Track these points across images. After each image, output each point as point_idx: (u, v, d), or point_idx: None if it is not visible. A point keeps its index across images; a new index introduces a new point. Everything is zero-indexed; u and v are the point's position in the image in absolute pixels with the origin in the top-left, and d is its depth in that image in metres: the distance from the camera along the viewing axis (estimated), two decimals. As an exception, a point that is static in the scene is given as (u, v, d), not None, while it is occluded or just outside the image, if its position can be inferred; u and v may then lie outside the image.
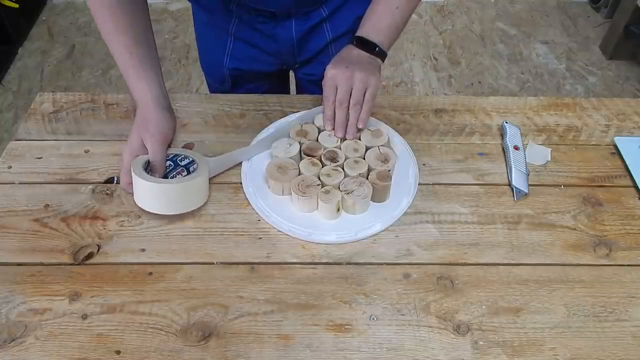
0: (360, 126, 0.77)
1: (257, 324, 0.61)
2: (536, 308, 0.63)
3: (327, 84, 0.78)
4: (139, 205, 0.70)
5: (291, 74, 1.07)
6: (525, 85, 2.19)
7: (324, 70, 0.78)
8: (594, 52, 2.35)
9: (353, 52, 0.80)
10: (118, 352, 0.58)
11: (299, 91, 1.07)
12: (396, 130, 0.82)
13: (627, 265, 0.67)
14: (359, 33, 0.82)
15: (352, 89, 0.76)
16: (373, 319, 0.62)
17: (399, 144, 0.80)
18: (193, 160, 0.74)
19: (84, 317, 0.61)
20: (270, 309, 0.62)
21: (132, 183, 0.70)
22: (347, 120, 0.77)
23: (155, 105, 0.75)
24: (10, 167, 0.77)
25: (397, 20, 0.83)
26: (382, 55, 0.81)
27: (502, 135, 0.82)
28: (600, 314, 0.62)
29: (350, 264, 0.67)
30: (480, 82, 2.20)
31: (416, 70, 2.25)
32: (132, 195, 0.70)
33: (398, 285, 0.65)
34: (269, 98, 0.89)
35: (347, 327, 0.61)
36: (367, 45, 0.80)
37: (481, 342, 0.60)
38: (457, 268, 0.67)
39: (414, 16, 2.51)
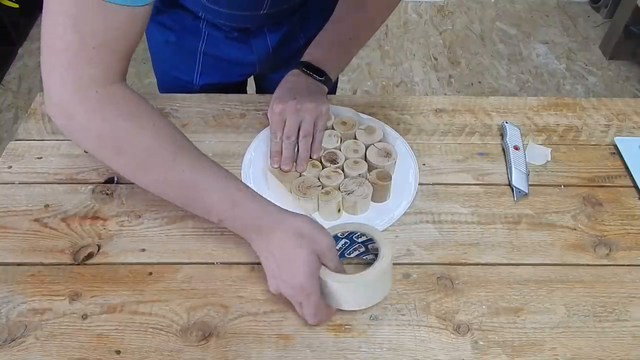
0: (314, 157, 0.75)
1: (257, 324, 0.61)
2: (536, 308, 0.63)
3: (274, 118, 0.76)
4: (350, 309, 0.60)
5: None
6: (525, 85, 2.19)
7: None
8: (594, 52, 2.35)
9: (299, 79, 0.78)
10: (118, 352, 0.58)
11: (262, 92, 1.05)
12: (396, 130, 0.82)
13: (627, 265, 0.67)
14: (307, 59, 0.80)
15: (301, 122, 0.75)
16: (373, 319, 0.62)
17: (399, 144, 0.80)
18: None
19: (84, 317, 0.61)
20: (270, 309, 0.62)
21: (325, 307, 0.59)
22: (297, 153, 0.75)
23: (292, 214, 0.60)
24: (10, 167, 0.77)
25: (349, 51, 0.82)
26: (328, 83, 0.80)
27: (502, 135, 0.82)
28: (600, 314, 0.62)
29: (350, 264, 0.67)
30: (480, 82, 2.20)
31: (416, 70, 2.25)
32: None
33: (398, 285, 0.65)
34: (269, 98, 0.88)
35: (347, 327, 0.61)
36: (314, 72, 0.78)
37: (481, 342, 0.60)
38: (457, 268, 0.67)
39: (414, 16, 2.52)
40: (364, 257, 0.67)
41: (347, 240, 0.65)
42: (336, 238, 0.64)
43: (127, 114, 0.57)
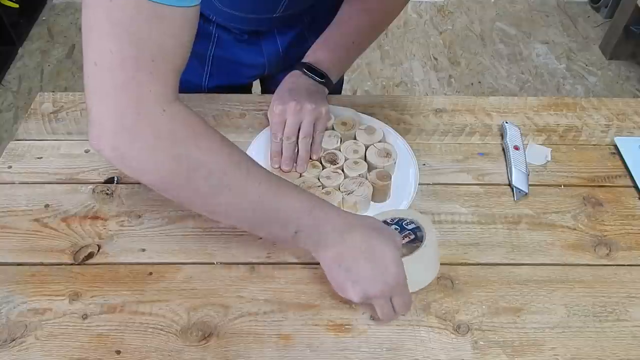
0: (314, 157, 0.76)
1: (257, 324, 0.61)
2: (536, 308, 0.63)
3: (274, 119, 0.76)
4: (419, 288, 0.63)
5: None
6: (525, 85, 2.19)
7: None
8: (594, 52, 2.35)
9: (300, 80, 0.79)
10: (118, 352, 0.58)
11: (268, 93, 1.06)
12: (396, 130, 0.82)
13: (627, 265, 0.67)
14: (308, 60, 0.80)
15: (301, 122, 0.75)
16: (373, 319, 0.62)
17: (399, 144, 0.80)
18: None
19: (84, 317, 0.61)
20: (270, 309, 0.62)
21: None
22: (297, 154, 0.75)
23: (355, 214, 0.61)
24: (10, 167, 0.77)
25: (351, 55, 0.83)
26: (329, 85, 0.80)
27: (502, 135, 0.82)
28: (600, 314, 0.62)
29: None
30: (480, 82, 2.20)
31: (416, 70, 2.25)
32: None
33: (398, 285, 0.65)
34: (269, 98, 0.89)
35: (347, 327, 0.61)
36: (315, 74, 0.79)
37: (481, 342, 0.60)
38: (457, 268, 0.67)
39: (414, 15, 2.52)
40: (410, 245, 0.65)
41: (397, 227, 0.65)
42: (386, 224, 0.65)
43: (199, 133, 0.52)
